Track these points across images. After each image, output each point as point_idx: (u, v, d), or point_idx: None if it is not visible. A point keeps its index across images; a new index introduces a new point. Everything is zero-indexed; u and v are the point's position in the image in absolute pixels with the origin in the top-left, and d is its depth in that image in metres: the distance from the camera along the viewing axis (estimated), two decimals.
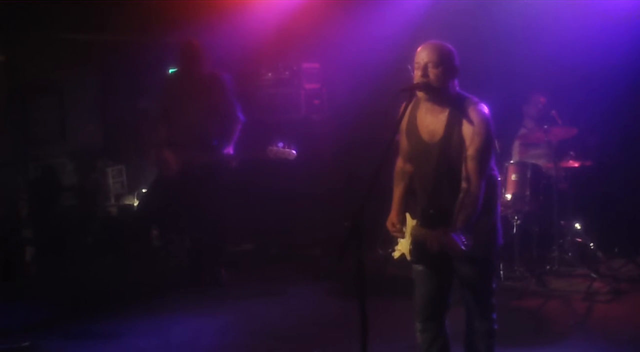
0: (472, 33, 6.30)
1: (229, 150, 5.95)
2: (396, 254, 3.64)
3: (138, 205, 7.40)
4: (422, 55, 3.38)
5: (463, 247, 3.22)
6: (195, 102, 5.93)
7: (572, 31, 6.42)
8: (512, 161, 6.42)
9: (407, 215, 3.60)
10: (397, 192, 3.69)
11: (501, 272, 5.90)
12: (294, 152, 5.84)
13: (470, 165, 3.32)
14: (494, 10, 6.55)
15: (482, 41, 6.45)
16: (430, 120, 3.45)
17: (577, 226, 6.41)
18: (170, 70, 6.84)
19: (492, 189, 3.51)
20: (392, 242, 3.69)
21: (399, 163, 3.73)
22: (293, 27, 6.95)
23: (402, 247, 3.60)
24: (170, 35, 6.67)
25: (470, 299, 3.62)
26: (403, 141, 3.63)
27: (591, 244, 6.30)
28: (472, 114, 3.34)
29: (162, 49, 7.10)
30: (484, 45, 6.45)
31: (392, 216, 3.64)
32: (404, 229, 3.59)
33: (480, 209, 3.34)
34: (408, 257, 3.54)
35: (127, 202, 7.73)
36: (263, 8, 6.90)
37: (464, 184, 3.32)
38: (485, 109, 3.38)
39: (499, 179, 3.75)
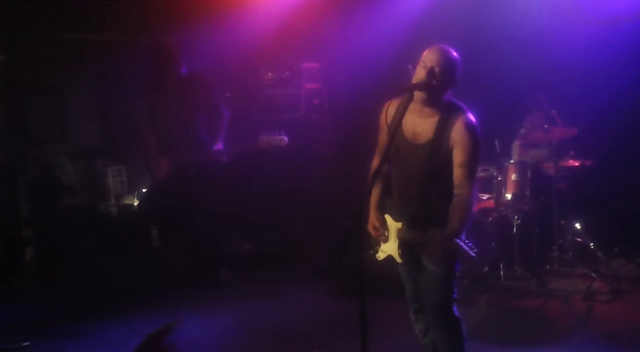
0: (471, 33, 6.30)
1: (219, 146, 5.97)
2: (381, 256, 3.64)
3: (138, 205, 7.40)
4: (431, 56, 3.37)
5: (473, 254, 3.19)
6: (179, 103, 5.95)
7: (572, 31, 6.42)
8: (512, 161, 6.41)
9: (388, 217, 3.58)
10: (375, 194, 3.63)
11: (501, 272, 5.91)
12: (285, 138, 5.84)
13: (459, 172, 3.34)
14: (493, 10, 6.55)
15: (481, 41, 6.44)
16: (418, 121, 3.45)
17: (577, 225, 6.40)
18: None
19: None
20: (372, 245, 3.69)
21: (375, 162, 3.67)
22: (293, 27, 6.95)
23: (388, 249, 3.58)
24: (170, 35, 6.67)
25: (428, 304, 3.61)
26: (382, 138, 3.61)
27: (591, 244, 6.29)
28: (461, 123, 3.36)
29: None
30: (484, 45, 6.44)
31: (374, 220, 3.62)
32: (386, 233, 3.58)
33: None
34: (399, 260, 3.53)
35: (127, 202, 7.74)
36: (263, 8, 6.91)
37: (455, 190, 3.33)
38: (473, 118, 3.41)
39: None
